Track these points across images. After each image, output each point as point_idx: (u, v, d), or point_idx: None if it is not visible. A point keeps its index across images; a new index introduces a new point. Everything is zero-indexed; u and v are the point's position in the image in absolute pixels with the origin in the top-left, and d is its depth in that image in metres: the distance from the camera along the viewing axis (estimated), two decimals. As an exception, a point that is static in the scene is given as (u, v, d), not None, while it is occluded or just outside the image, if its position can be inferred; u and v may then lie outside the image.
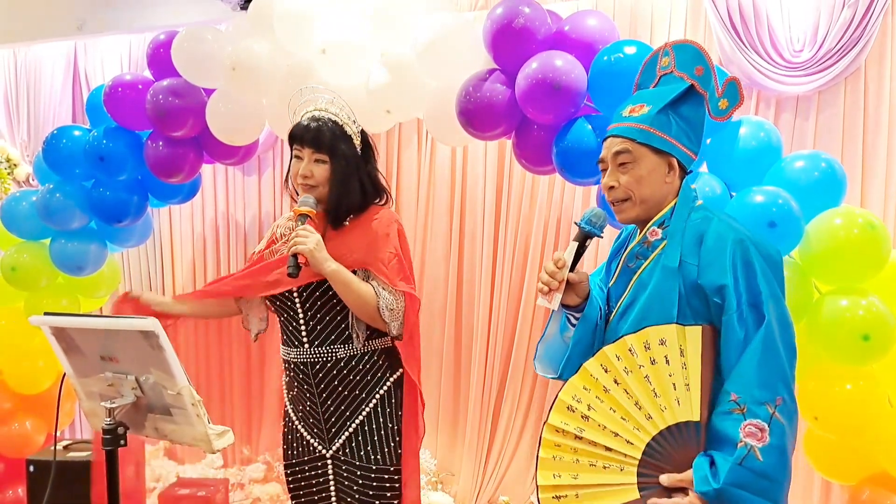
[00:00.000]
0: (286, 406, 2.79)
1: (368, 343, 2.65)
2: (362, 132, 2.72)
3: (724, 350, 1.93)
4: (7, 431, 4.16)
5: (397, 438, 2.66)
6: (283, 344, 2.74)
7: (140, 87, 3.79)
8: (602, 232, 2.14)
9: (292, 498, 2.78)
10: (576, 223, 2.16)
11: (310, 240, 2.47)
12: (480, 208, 4.36)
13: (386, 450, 2.63)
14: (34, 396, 4.18)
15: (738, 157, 2.86)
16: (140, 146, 3.86)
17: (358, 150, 2.67)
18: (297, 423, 2.73)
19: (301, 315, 2.63)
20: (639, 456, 1.91)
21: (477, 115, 3.11)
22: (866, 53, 3.57)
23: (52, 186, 3.97)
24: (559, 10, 3.28)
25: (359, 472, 2.60)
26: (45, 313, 2.00)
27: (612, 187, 2.12)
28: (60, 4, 5.01)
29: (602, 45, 3.00)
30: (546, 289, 2.07)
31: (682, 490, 1.87)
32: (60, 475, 3.86)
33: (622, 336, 1.98)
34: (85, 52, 5.12)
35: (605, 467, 1.92)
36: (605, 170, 2.17)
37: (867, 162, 3.68)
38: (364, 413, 2.62)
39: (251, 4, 3.51)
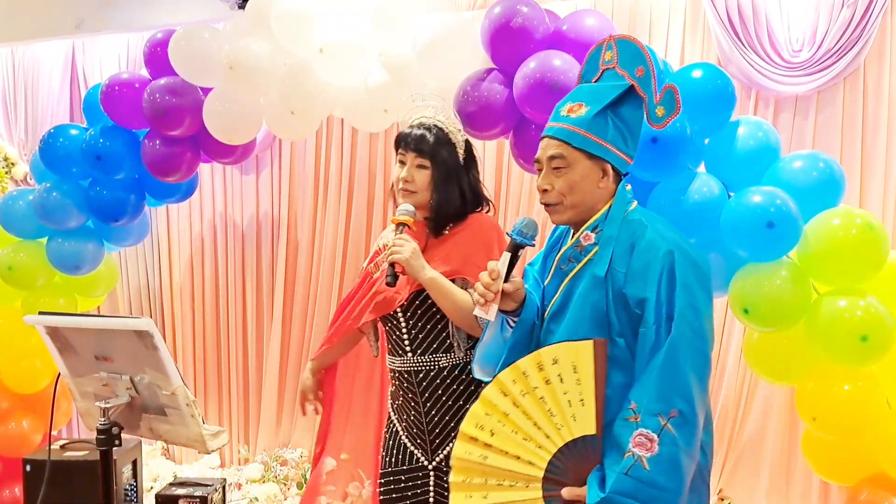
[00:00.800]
0: (391, 415, 2.81)
1: (470, 352, 2.63)
2: (466, 141, 2.73)
3: (637, 360, 1.96)
4: (4, 431, 4.14)
5: None
6: (388, 353, 2.78)
7: (137, 85, 3.77)
8: (534, 241, 2.14)
9: None
10: (507, 234, 2.17)
11: (405, 248, 2.48)
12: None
13: None
14: (31, 396, 4.17)
15: (736, 157, 2.85)
16: (137, 145, 3.85)
17: (461, 158, 2.67)
18: (401, 433, 2.74)
19: (404, 324, 2.66)
20: (541, 475, 1.96)
21: (475, 115, 3.10)
22: (865, 53, 3.56)
23: (48, 185, 3.96)
24: (557, 10, 3.27)
25: None
26: (40, 312, 1.99)
27: (545, 190, 2.13)
28: (58, 3, 5.00)
29: (600, 44, 2.98)
30: (482, 300, 2.09)
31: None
32: (57, 475, 3.84)
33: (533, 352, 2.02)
34: (83, 51, 5.11)
35: (511, 486, 1.98)
36: (540, 170, 2.17)
37: (866, 162, 3.67)
38: None
39: (249, 3, 3.50)
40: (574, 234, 2.16)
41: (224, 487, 4.05)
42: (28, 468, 3.91)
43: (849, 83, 3.67)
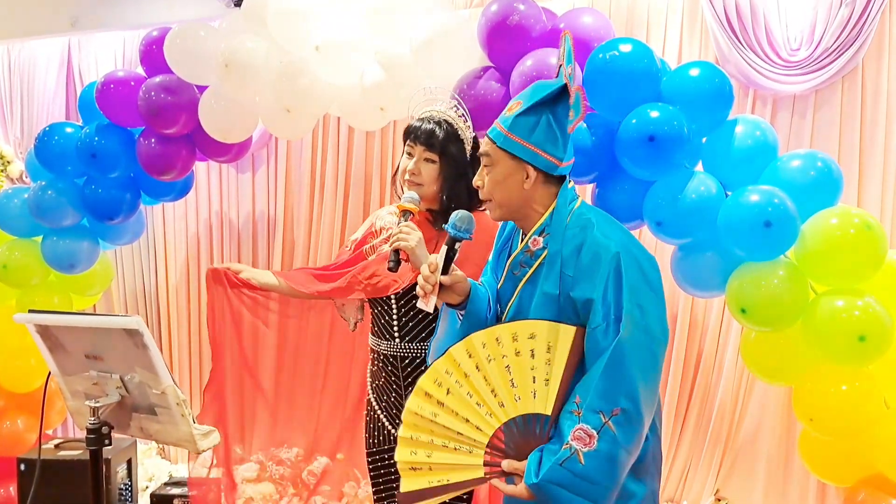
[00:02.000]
0: (369, 395, 2.92)
1: None
2: (474, 139, 2.76)
3: (587, 360, 1.97)
4: (-2, 429, 4.14)
5: None
6: (372, 335, 2.88)
7: (132, 83, 3.76)
8: (470, 235, 2.16)
9: (373, 483, 2.93)
10: (443, 227, 2.21)
11: (412, 237, 2.48)
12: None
13: None
14: (25, 395, 4.16)
15: (733, 156, 2.84)
16: (132, 143, 3.83)
17: (468, 155, 2.72)
18: (379, 413, 2.86)
19: (395, 311, 2.77)
20: (486, 441, 1.99)
21: (472, 113, 3.08)
22: (864, 52, 3.55)
23: (44, 184, 3.94)
24: (554, 8, 3.26)
25: None
26: (30, 311, 1.98)
27: (478, 186, 2.18)
28: (54, 1, 4.98)
29: (597, 42, 2.97)
30: (422, 292, 2.12)
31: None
32: (51, 474, 3.84)
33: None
34: (79, 49, 5.09)
35: (455, 448, 2.01)
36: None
37: (864, 161, 3.66)
38: None
39: (245, 1, 3.48)
40: (522, 237, 2.18)
41: (219, 487, 4.03)
42: (22, 467, 3.91)
43: (847, 82, 3.66)
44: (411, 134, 2.68)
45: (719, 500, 3.96)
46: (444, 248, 2.15)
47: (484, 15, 3.09)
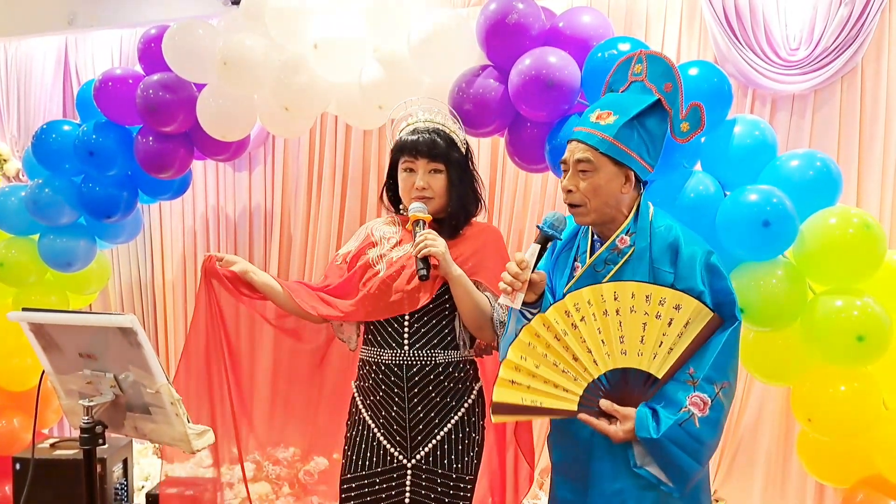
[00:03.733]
0: (361, 413, 2.71)
1: (468, 351, 2.70)
2: (465, 140, 2.76)
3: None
4: (-6, 428, 4.13)
5: (477, 448, 2.70)
6: (368, 345, 2.72)
7: (130, 81, 3.74)
8: (562, 235, 2.30)
9: None
10: (538, 226, 2.29)
11: (439, 242, 2.49)
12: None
13: (467, 459, 2.65)
14: (22, 394, 4.15)
15: (732, 156, 2.83)
16: (130, 141, 3.82)
17: (466, 156, 2.72)
18: (376, 431, 2.66)
19: (407, 317, 2.63)
20: (596, 376, 2.16)
21: (470, 112, 3.07)
22: (863, 52, 3.56)
23: (41, 181, 3.94)
24: (553, 7, 3.25)
25: (439, 480, 2.61)
26: (24, 309, 1.97)
27: (570, 191, 2.26)
28: (51, -1, 4.99)
29: (596, 41, 2.97)
30: (510, 289, 2.22)
31: (611, 418, 2.16)
32: (46, 473, 3.83)
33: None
34: (76, 47, 5.10)
35: (563, 371, 2.17)
36: (566, 171, 2.29)
37: (863, 161, 3.67)
38: (453, 422, 2.64)
39: (243, -1, 3.48)
40: (598, 238, 2.33)
41: (215, 487, 4.02)
42: (17, 466, 3.89)
43: (846, 82, 3.66)
44: (409, 149, 2.60)
45: (717, 501, 3.96)
46: (534, 246, 2.24)
47: (483, 13, 3.08)
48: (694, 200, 2.79)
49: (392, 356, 2.62)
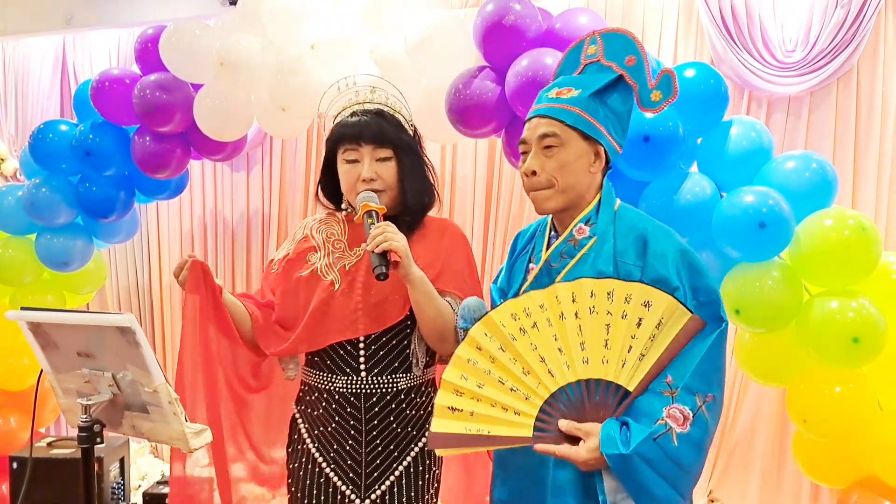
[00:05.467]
0: (306, 443, 2.35)
1: (426, 371, 2.34)
2: (413, 127, 2.42)
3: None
4: (-9, 428, 4.13)
5: (437, 484, 2.39)
6: (317, 369, 2.33)
7: (127, 81, 3.75)
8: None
9: None
10: (458, 326, 2.09)
11: (399, 236, 2.08)
12: (470, 206, 4.33)
13: (427, 496, 2.33)
14: (18, 393, 4.15)
15: (728, 158, 2.84)
16: (127, 141, 3.83)
17: (416, 140, 2.36)
18: (324, 465, 2.30)
19: (362, 337, 2.25)
20: (553, 390, 1.83)
21: (467, 113, 3.08)
22: (859, 54, 3.56)
23: (38, 181, 3.94)
24: (550, 8, 3.25)
25: None
26: (22, 308, 1.97)
27: (534, 172, 2.00)
28: (49, -2, 4.98)
29: (593, 43, 2.97)
30: None
31: (575, 440, 1.81)
32: (43, 473, 3.83)
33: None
34: (73, 47, 5.10)
35: (512, 389, 1.83)
36: (526, 152, 2.05)
37: (859, 163, 3.67)
38: (413, 454, 2.30)
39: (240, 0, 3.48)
40: (558, 229, 2.08)
41: (212, 486, 4.02)
42: (14, 466, 3.89)
43: (842, 84, 3.67)
44: (351, 136, 2.23)
45: (713, 502, 3.96)
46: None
47: (480, 15, 3.08)
48: (690, 202, 2.79)
49: (346, 383, 2.26)
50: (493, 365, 1.84)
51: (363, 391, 2.25)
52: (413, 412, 2.30)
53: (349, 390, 2.25)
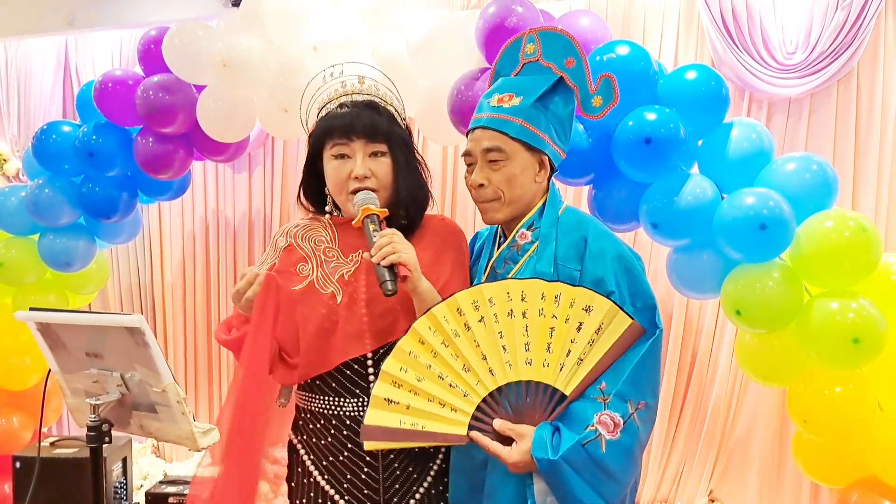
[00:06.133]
0: (313, 475, 2.14)
1: None
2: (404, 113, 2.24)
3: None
4: (-6, 427, 4.14)
5: None
6: (317, 393, 2.10)
7: (130, 82, 3.76)
8: None
9: None
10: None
11: (407, 247, 1.91)
12: (471, 207, 4.34)
13: None
14: (21, 393, 4.16)
15: (729, 159, 2.85)
16: (130, 142, 3.84)
17: (409, 135, 2.15)
18: (338, 500, 2.08)
19: (370, 354, 2.04)
20: (492, 389, 1.83)
21: (468, 114, 3.09)
22: (859, 56, 3.58)
23: (41, 182, 3.94)
24: (552, 10, 3.27)
25: None
26: (31, 308, 1.97)
27: (481, 185, 2.00)
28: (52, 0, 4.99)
29: (594, 45, 2.98)
30: None
31: (509, 441, 1.82)
32: (47, 472, 3.83)
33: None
34: (76, 48, 5.10)
35: (451, 385, 1.83)
36: (471, 164, 2.04)
37: (859, 164, 3.68)
38: (432, 473, 2.10)
39: (243, 1, 3.49)
40: (507, 235, 2.07)
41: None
42: (18, 465, 3.90)
43: (842, 85, 3.68)
44: (341, 129, 2.00)
45: (713, 501, 3.98)
46: None
47: (482, 16, 3.09)
48: (691, 203, 2.80)
49: (357, 406, 2.04)
50: (434, 360, 1.83)
51: None
52: None
53: (360, 414, 2.02)
